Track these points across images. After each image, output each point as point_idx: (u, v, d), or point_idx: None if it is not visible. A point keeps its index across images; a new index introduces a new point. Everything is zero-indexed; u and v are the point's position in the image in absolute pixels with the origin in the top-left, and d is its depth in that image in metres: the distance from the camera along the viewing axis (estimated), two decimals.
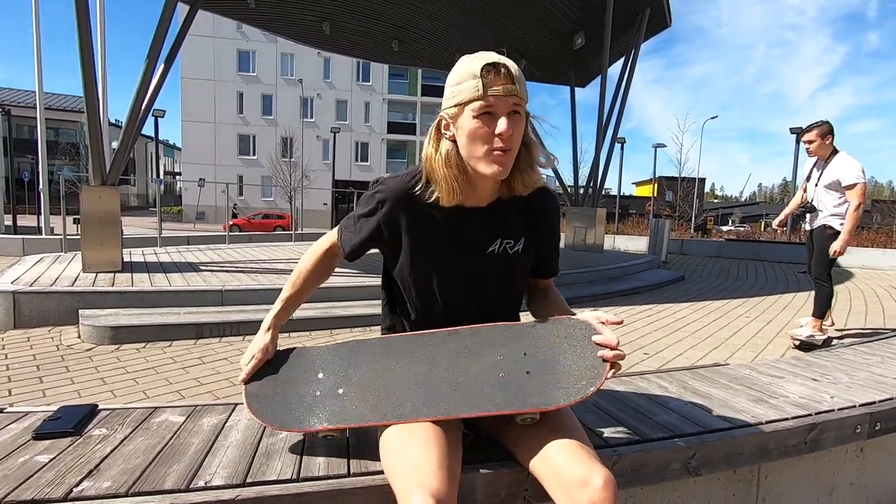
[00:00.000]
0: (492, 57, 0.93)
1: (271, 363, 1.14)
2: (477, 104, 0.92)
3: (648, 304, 5.59)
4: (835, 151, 3.60)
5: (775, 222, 4.10)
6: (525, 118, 0.98)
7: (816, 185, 3.67)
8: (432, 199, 1.02)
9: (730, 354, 3.72)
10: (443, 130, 1.00)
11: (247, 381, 1.12)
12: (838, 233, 3.54)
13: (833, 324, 3.91)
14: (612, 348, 0.95)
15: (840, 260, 10.23)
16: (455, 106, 0.95)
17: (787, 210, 4.04)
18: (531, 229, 1.10)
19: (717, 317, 5.09)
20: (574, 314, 1.06)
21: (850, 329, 4.55)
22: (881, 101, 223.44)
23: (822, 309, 3.74)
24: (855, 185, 3.39)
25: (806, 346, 3.71)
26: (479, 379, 1.01)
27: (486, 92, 0.91)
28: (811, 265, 3.82)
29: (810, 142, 3.63)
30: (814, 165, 3.76)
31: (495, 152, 0.94)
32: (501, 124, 0.92)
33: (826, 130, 3.58)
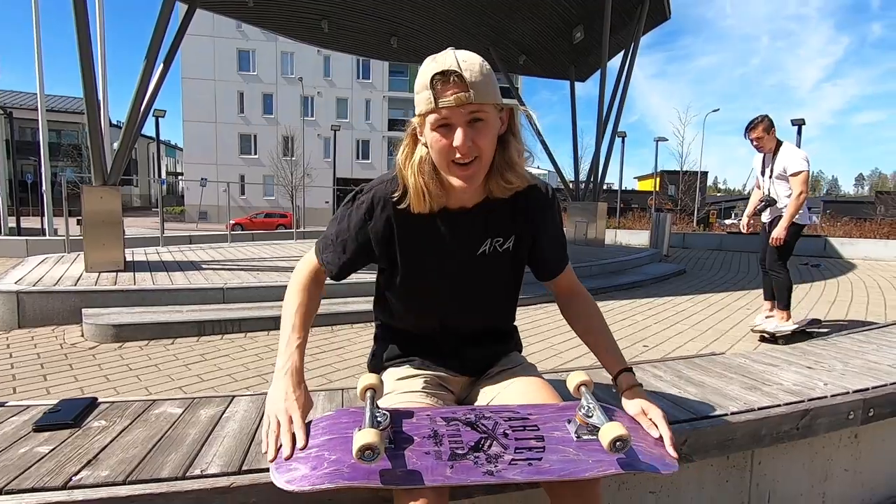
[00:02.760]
0: (445, 63, 0.85)
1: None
2: (432, 117, 0.88)
3: (649, 298, 5.60)
4: (779, 143, 3.68)
5: (743, 227, 3.98)
6: (494, 120, 0.91)
7: (770, 177, 3.72)
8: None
9: (729, 346, 3.73)
10: (418, 136, 0.96)
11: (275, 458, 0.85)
12: (795, 224, 3.59)
13: (773, 308, 3.91)
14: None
15: (842, 251, 10.21)
16: (418, 116, 0.91)
17: (748, 210, 3.99)
18: (521, 226, 1.07)
19: (717, 309, 5.09)
20: (617, 366, 1.04)
21: (852, 319, 4.55)
22: (887, 92, 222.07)
23: (786, 300, 3.75)
24: (800, 172, 3.49)
25: (774, 338, 3.73)
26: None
27: (437, 104, 0.85)
28: (767, 256, 3.83)
29: (759, 138, 3.68)
30: (763, 159, 3.82)
31: (454, 164, 0.90)
32: (457, 137, 0.87)
33: (768, 124, 3.67)
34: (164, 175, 37.49)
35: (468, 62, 0.86)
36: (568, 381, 0.97)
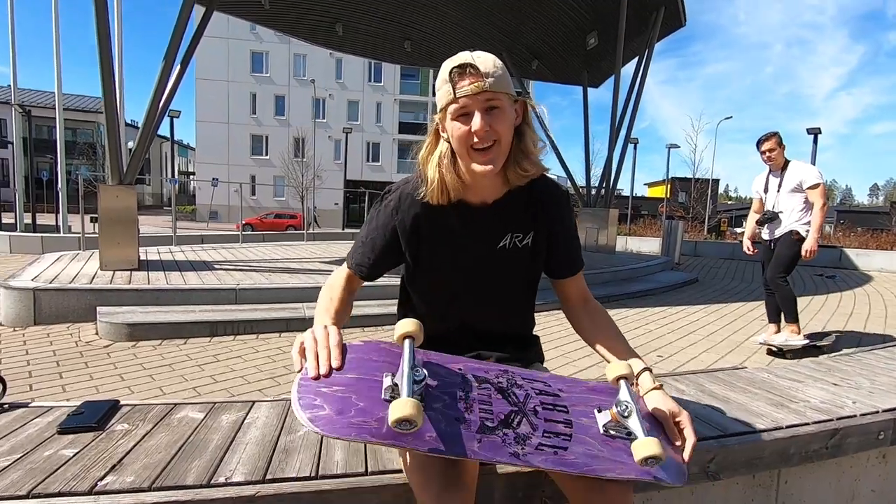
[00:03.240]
0: (461, 58, 0.93)
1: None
2: (452, 107, 0.94)
3: (662, 307, 5.54)
4: (787, 161, 3.72)
5: (747, 249, 3.93)
6: (509, 109, 0.96)
7: (778, 191, 3.71)
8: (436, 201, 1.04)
9: (745, 358, 3.68)
10: (440, 133, 1.01)
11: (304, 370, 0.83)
12: (801, 237, 3.58)
13: (779, 331, 3.85)
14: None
15: (858, 263, 10.06)
16: (440, 111, 0.98)
17: (748, 234, 3.95)
18: (538, 222, 1.10)
19: (731, 319, 5.03)
20: (635, 361, 1.01)
21: (870, 333, 4.47)
22: None
23: (794, 312, 3.68)
24: (818, 184, 3.53)
25: (781, 352, 3.67)
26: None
27: (456, 95, 0.92)
28: (768, 271, 3.79)
29: (771, 150, 3.68)
30: (768, 176, 3.82)
31: (474, 149, 0.95)
32: (475, 122, 0.92)
33: (780, 138, 3.70)
34: (176, 175, 37.86)
35: (482, 57, 0.94)
36: (608, 370, 0.94)
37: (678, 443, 0.93)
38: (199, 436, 1.15)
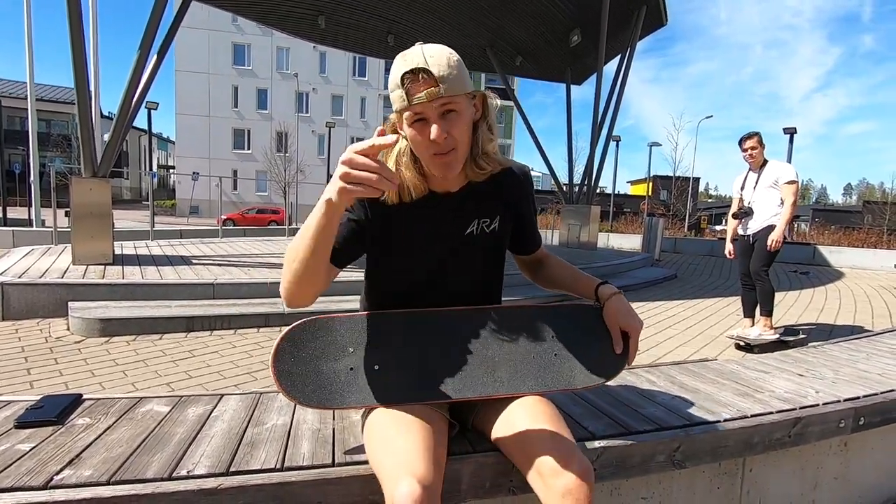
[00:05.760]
0: (413, 60, 0.88)
1: (297, 341, 0.99)
2: (407, 114, 0.92)
3: (641, 302, 5.62)
4: (765, 161, 3.85)
5: (728, 253, 4.05)
6: (467, 109, 0.94)
7: (755, 188, 3.83)
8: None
9: (720, 352, 3.75)
10: (398, 131, 0.99)
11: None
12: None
13: (754, 325, 3.95)
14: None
15: (831, 260, 10.34)
16: (395, 113, 0.96)
17: (729, 236, 4.06)
18: (505, 206, 1.12)
19: (708, 314, 5.13)
20: (594, 283, 1.14)
21: (840, 325, 4.60)
22: (876, 103, 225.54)
23: (770, 305, 3.81)
24: (793, 181, 3.67)
25: (749, 347, 3.75)
26: (511, 359, 1.06)
27: (410, 102, 0.89)
28: (750, 265, 3.88)
29: (753, 148, 3.81)
30: (747, 174, 3.95)
31: (434, 156, 0.94)
32: (433, 131, 0.90)
33: (761, 138, 3.84)
34: (155, 168, 37.08)
35: (435, 57, 0.89)
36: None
37: (618, 350, 1.09)
38: (164, 429, 1.12)
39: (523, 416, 0.99)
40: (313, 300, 0.97)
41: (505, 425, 1.01)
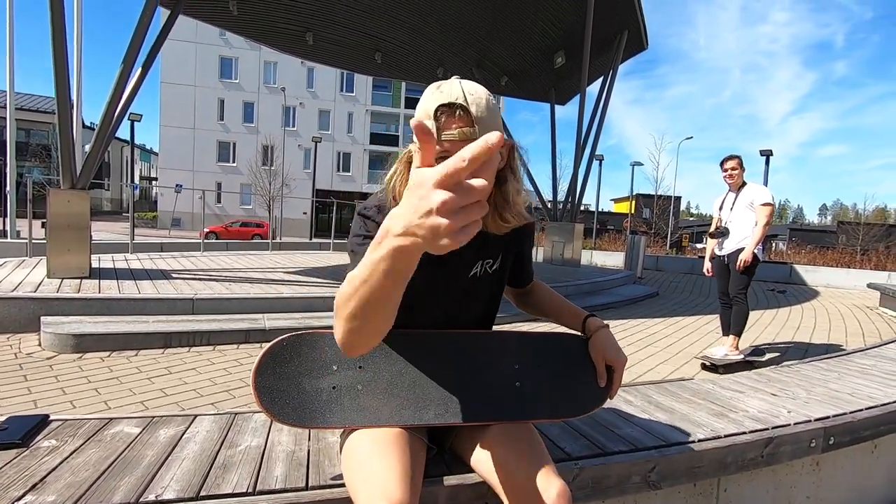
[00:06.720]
0: (450, 94, 0.83)
1: (280, 356, 0.97)
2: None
3: (623, 319, 5.67)
4: (744, 183, 3.97)
5: (707, 271, 4.15)
6: (495, 155, 0.87)
7: (732, 208, 3.94)
8: None
9: (699, 370, 3.79)
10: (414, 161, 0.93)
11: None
12: (755, 256, 3.76)
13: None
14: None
15: (807, 278, 10.55)
16: (416, 144, 0.90)
17: (708, 255, 4.17)
18: (507, 246, 1.10)
19: (688, 332, 5.19)
20: (581, 314, 1.17)
21: (815, 343, 4.69)
22: (849, 126, 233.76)
23: (740, 327, 3.88)
24: (769, 204, 3.77)
25: (714, 367, 3.78)
26: (494, 385, 1.06)
27: (439, 137, 0.83)
28: (729, 285, 3.96)
29: (734, 168, 3.92)
30: (726, 195, 4.06)
31: None
32: None
33: (741, 161, 3.96)
34: (137, 180, 36.56)
35: (475, 95, 0.85)
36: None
37: (602, 383, 1.08)
38: (133, 452, 1.10)
39: (501, 438, 0.99)
40: None
41: (482, 448, 1.01)
